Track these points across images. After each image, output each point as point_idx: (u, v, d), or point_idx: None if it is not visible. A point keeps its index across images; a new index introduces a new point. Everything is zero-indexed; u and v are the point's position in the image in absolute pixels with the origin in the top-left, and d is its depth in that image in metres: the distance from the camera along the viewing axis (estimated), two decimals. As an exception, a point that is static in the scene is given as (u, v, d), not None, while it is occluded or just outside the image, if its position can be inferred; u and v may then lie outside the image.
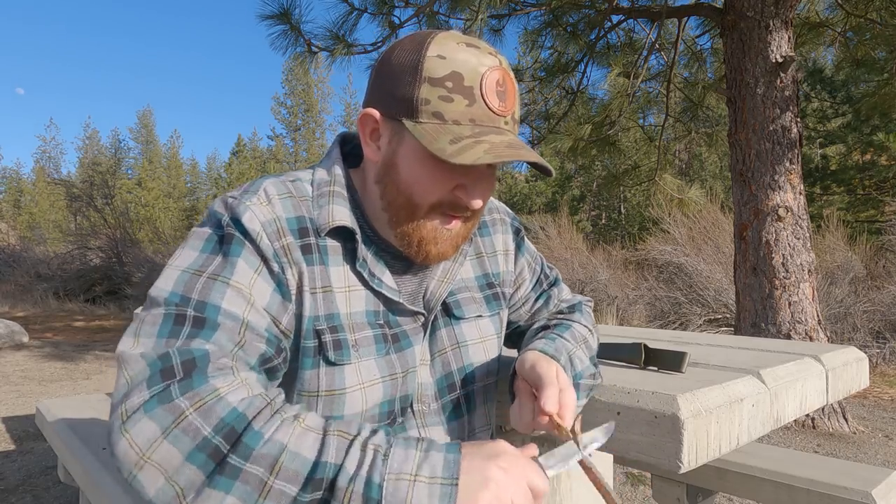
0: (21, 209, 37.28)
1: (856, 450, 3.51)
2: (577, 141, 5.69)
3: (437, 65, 0.73)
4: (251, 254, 0.73)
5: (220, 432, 0.57)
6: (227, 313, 0.68)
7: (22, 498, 2.66)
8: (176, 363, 0.61)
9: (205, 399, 0.58)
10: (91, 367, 5.89)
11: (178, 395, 0.59)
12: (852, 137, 12.39)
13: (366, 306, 0.81)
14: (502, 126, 0.76)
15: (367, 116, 0.79)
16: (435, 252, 0.81)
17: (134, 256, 12.96)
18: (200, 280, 0.69)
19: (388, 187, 0.79)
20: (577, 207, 21.85)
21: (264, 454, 0.56)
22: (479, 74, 0.73)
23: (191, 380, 0.60)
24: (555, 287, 1.06)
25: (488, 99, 0.74)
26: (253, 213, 0.74)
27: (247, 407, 0.59)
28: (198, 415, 0.57)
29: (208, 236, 0.74)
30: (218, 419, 0.57)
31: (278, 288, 0.74)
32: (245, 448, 0.57)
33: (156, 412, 0.58)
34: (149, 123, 44.51)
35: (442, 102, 0.73)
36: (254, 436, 0.57)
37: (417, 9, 4.92)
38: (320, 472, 0.57)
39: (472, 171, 0.77)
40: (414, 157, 0.76)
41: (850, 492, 1.35)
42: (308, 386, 0.77)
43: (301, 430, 0.59)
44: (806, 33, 5.11)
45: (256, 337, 0.69)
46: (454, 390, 0.89)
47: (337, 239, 0.80)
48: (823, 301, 6.24)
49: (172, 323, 0.66)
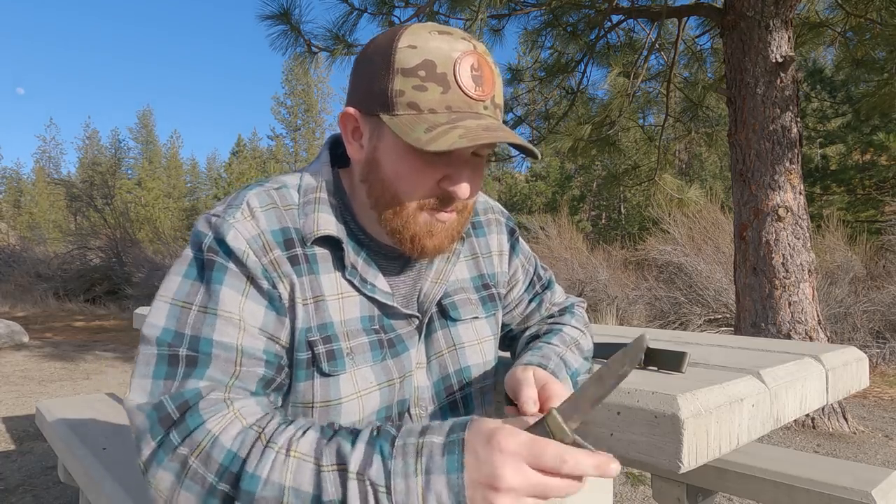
0: (21, 209, 37.31)
1: (856, 450, 3.51)
2: (577, 141, 5.69)
3: (408, 55, 0.72)
4: (235, 277, 0.72)
5: (223, 478, 0.60)
6: (219, 345, 0.68)
7: (22, 498, 2.66)
8: (171, 409, 0.64)
9: (201, 444, 0.61)
10: (91, 367, 5.89)
11: (178, 441, 0.62)
12: (852, 137, 12.39)
13: (360, 312, 0.80)
14: (481, 111, 0.73)
15: (346, 116, 0.78)
16: (431, 245, 0.78)
17: (134, 256, 12.96)
18: (190, 315, 0.70)
19: (373, 185, 0.78)
20: (577, 207, 21.85)
21: (266, 497, 0.58)
22: (452, 60, 0.71)
23: (185, 423, 0.63)
24: (548, 290, 1.06)
25: (463, 84, 0.72)
26: (237, 231, 0.73)
27: (239, 446, 0.61)
28: (200, 462, 0.61)
29: (190, 261, 0.74)
30: (217, 465, 0.60)
31: (271, 304, 0.73)
32: (247, 495, 0.59)
33: (165, 463, 0.62)
34: (149, 123, 44.50)
35: (416, 92, 0.71)
36: (251, 480, 0.59)
37: (417, 9, 4.91)
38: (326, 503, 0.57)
39: (454, 160, 0.75)
40: (395, 152, 0.74)
41: (850, 492, 1.35)
42: (303, 398, 0.76)
43: (296, 464, 0.59)
44: (806, 33, 5.11)
45: (254, 362, 0.70)
46: (451, 393, 0.88)
47: (325, 246, 0.79)
48: (823, 301, 6.24)
49: (167, 364, 0.68)
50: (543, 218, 12.16)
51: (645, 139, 6.42)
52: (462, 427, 0.58)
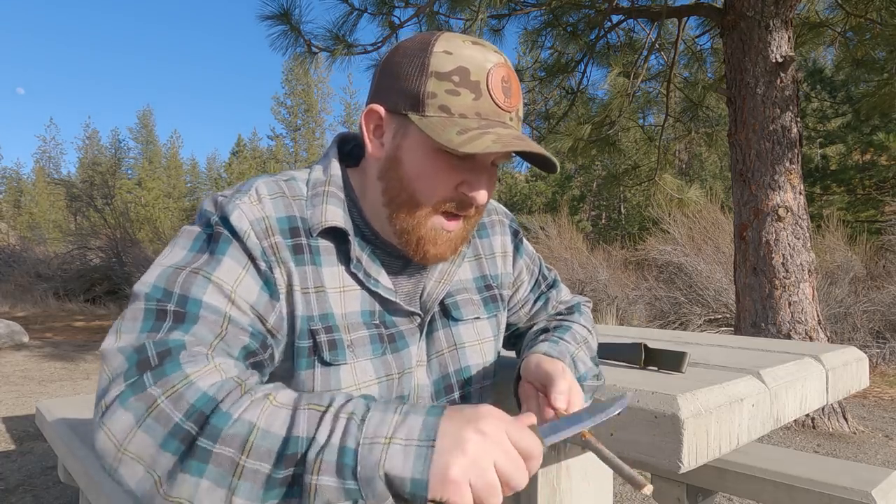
0: (21, 209, 37.32)
1: (856, 450, 3.51)
2: (577, 141, 5.69)
3: (443, 60, 0.74)
4: (238, 251, 0.72)
5: (191, 417, 0.57)
6: (208, 306, 0.67)
7: (22, 498, 2.66)
8: (151, 353, 0.61)
9: (175, 386, 0.58)
10: (91, 367, 5.89)
11: (150, 384, 0.58)
12: (852, 137, 12.39)
13: (361, 306, 0.80)
14: (507, 122, 0.76)
15: (372, 112, 0.80)
16: (433, 253, 0.80)
17: (134, 256, 12.95)
18: (182, 274, 0.69)
19: (391, 182, 0.79)
20: (577, 207, 21.85)
21: (233, 434, 0.55)
22: (486, 70, 0.74)
23: (163, 367, 0.60)
24: (553, 289, 1.06)
25: (494, 94, 0.74)
26: (241, 212, 0.74)
27: (217, 391, 0.58)
28: (169, 402, 0.57)
29: (197, 235, 0.74)
30: (188, 404, 0.57)
31: (266, 286, 0.73)
32: (213, 430, 0.56)
33: (130, 402, 0.58)
34: (149, 123, 44.51)
35: (448, 96, 0.73)
36: (221, 417, 0.56)
37: (417, 9, 4.91)
38: (292, 447, 0.55)
39: (476, 166, 0.78)
40: (419, 151, 0.76)
41: (850, 492, 1.35)
42: (303, 386, 0.76)
43: (272, 408, 0.58)
44: (806, 33, 5.11)
45: (239, 331, 0.69)
46: (451, 392, 0.88)
47: (330, 239, 0.80)
48: (823, 301, 6.24)
49: (154, 318, 0.65)
50: (543, 218, 12.16)
51: (645, 139, 6.43)
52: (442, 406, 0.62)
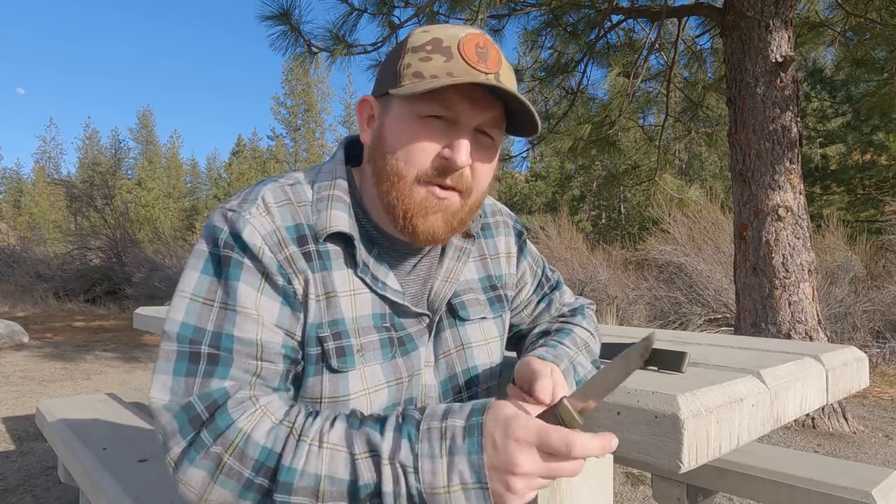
0: (21, 209, 37.32)
1: (856, 450, 3.51)
2: (577, 141, 5.69)
3: (419, 36, 0.78)
4: (250, 273, 0.73)
5: (260, 472, 0.63)
6: (240, 340, 0.70)
7: (22, 498, 2.66)
8: (200, 410, 0.66)
9: (234, 442, 0.64)
10: (91, 367, 5.89)
11: (210, 441, 0.65)
12: (852, 137, 12.39)
13: (371, 310, 0.80)
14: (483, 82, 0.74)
15: (363, 102, 0.82)
16: (423, 228, 0.77)
17: (134, 256, 12.96)
18: (211, 312, 0.71)
19: (376, 162, 0.79)
20: (577, 207, 21.85)
21: (304, 486, 0.62)
22: (458, 37, 0.75)
23: (215, 422, 0.65)
24: (556, 290, 1.06)
25: (466, 54, 0.74)
26: (253, 228, 0.74)
27: (273, 442, 0.64)
28: (234, 459, 0.64)
29: (207, 257, 0.74)
30: (253, 461, 0.63)
31: (286, 300, 0.74)
32: (285, 485, 0.62)
33: (197, 461, 0.64)
34: (149, 124, 44.52)
35: (421, 63, 0.75)
36: (288, 473, 0.62)
37: (417, 9, 4.91)
38: (362, 490, 0.62)
39: (456, 130, 0.76)
40: (398, 122, 0.77)
41: (850, 492, 1.35)
42: (311, 392, 0.76)
43: (330, 454, 0.63)
44: (806, 33, 5.11)
45: (273, 356, 0.72)
46: (458, 392, 0.88)
47: (337, 243, 0.79)
48: (823, 301, 6.24)
49: (188, 361, 0.69)
50: (543, 218, 12.17)
51: (645, 139, 6.43)
52: (481, 410, 0.63)
